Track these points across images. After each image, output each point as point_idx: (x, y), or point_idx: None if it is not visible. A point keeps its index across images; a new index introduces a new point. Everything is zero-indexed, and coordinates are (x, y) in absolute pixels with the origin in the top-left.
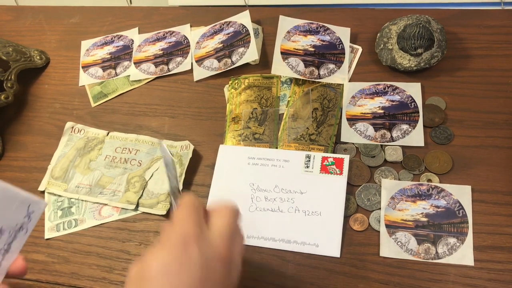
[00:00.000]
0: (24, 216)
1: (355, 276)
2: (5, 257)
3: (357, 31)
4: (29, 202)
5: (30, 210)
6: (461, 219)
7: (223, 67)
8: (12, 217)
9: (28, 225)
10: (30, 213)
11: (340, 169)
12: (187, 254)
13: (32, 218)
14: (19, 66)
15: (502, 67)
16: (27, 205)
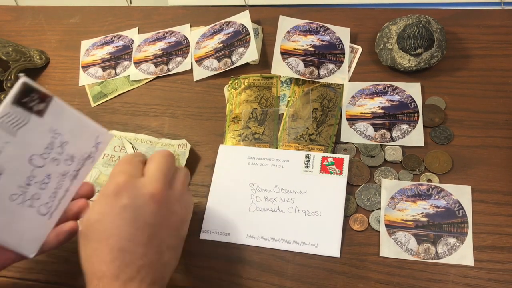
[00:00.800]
0: (92, 146)
1: (355, 276)
2: (73, 182)
3: (357, 31)
4: (98, 133)
5: (98, 140)
6: (461, 219)
7: (223, 67)
8: (83, 145)
9: (95, 154)
10: (98, 143)
11: (340, 169)
12: (117, 201)
13: (99, 149)
14: (19, 66)
15: (502, 67)
16: (96, 135)
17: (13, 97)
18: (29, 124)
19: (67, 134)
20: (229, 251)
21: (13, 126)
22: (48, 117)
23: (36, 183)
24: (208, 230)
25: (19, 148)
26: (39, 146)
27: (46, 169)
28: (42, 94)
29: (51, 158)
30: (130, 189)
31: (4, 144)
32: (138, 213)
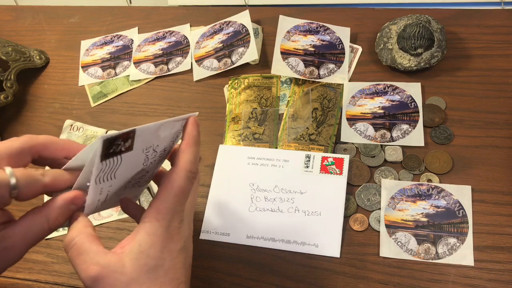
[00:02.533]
0: (181, 130)
1: (355, 276)
2: (164, 158)
3: (357, 31)
4: (184, 118)
5: (184, 122)
6: (461, 219)
7: (223, 67)
8: (173, 136)
9: (182, 133)
10: (185, 125)
11: (340, 169)
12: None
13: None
14: (18, 66)
15: (502, 67)
16: (182, 120)
17: (99, 157)
18: (123, 162)
19: (155, 141)
20: (229, 251)
21: (110, 174)
22: (137, 145)
23: (135, 177)
24: (208, 230)
25: (121, 180)
26: (137, 167)
27: (145, 169)
28: (125, 135)
29: (149, 164)
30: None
31: (109, 188)
32: (187, 253)
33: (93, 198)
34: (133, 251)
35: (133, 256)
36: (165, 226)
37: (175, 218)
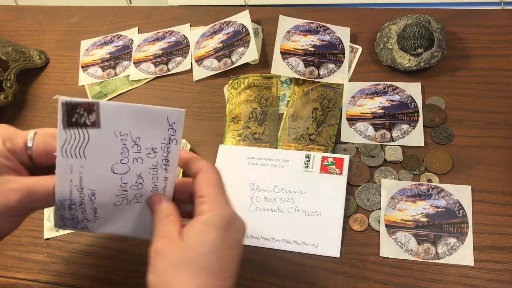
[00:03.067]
0: (168, 129)
1: (355, 276)
2: (168, 169)
3: (357, 31)
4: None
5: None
6: (461, 219)
7: (222, 67)
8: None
9: (175, 136)
10: (172, 124)
11: (340, 169)
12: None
13: (177, 129)
14: (18, 66)
15: (502, 67)
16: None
17: (62, 121)
18: (91, 139)
19: (135, 130)
20: None
21: (78, 149)
22: (106, 124)
23: (131, 186)
24: None
25: (96, 166)
26: (114, 155)
27: (134, 171)
28: (86, 105)
29: (133, 159)
30: (235, 222)
31: (81, 169)
32: (240, 249)
33: (62, 174)
34: (194, 232)
35: (193, 237)
36: (222, 214)
37: (227, 207)
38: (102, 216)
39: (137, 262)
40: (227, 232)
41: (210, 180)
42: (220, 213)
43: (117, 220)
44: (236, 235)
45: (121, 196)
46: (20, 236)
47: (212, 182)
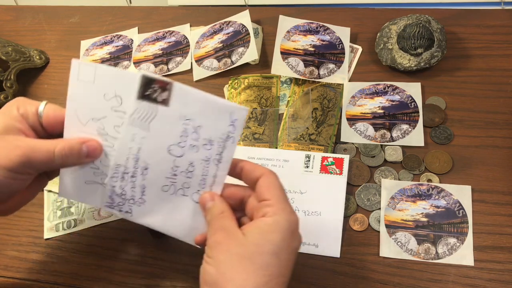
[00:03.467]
0: (228, 125)
1: (355, 276)
2: (219, 167)
3: (357, 31)
4: (231, 109)
5: (233, 118)
6: (461, 219)
7: (222, 67)
8: (219, 126)
9: (234, 133)
10: (234, 121)
11: (340, 169)
12: (293, 241)
13: (237, 127)
14: (18, 66)
15: (502, 67)
16: (230, 112)
17: (137, 92)
18: (158, 115)
19: (198, 118)
20: None
21: (144, 120)
22: (175, 104)
23: (181, 172)
24: None
25: (155, 141)
26: (174, 136)
27: (187, 157)
28: (162, 82)
29: (189, 146)
30: (297, 230)
31: (142, 140)
32: (296, 257)
33: (124, 140)
34: (258, 231)
35: (256, 235)
36: (287, 219)
37: (292, 212)
38: (148, 200)
39: (137, 262)
40: (291, 238)
41: (274, 184)
42: (287, 218)
43: (161, 211)
44: (297, 242)
45: (170, 180)
46: (20, 236)
47: (276, 186)
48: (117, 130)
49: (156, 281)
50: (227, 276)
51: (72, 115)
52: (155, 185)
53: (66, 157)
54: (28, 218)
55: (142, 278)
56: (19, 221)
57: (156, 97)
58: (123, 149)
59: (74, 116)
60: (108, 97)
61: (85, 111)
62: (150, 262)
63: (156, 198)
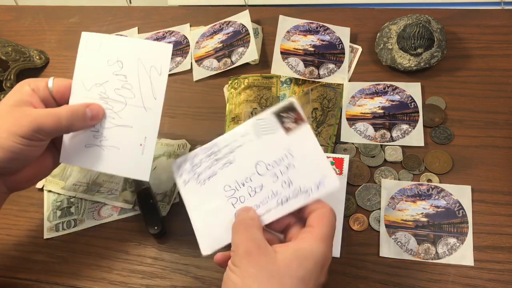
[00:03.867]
0: (314, 183)
1: (355, 276)
2: (278, 206)
3: (357, 31)
4: (326, 173)
5: (322, 180)
6: (461, 219)
7: (222, 67)
8: (306, 178)
9: (312, 193)
10: (320, 183)
11: (340, 169)
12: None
13: (319, 190)
14: (18, 66)
15: (502, 67)
16: (323, 174)
17: (277, 109)
18: (274, 134)
19: (298, 159)
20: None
21: (262, 130)
22: (292, 137)
23: (249, 186)
24: None
25: (255, 150)
26: (270, 156)
27: (264, 180)
28: (299, 116)
29: (273, 173)
30: (327, 267)
31: (247, 141)
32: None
33: (236, 131)
34: (292, 253)
35: (290, 257)
36: (324, 252)
37: (330, 250)
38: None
39: (137, 262)
40: (321, 271)
41: (328, 218)
42: (324, 251)
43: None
44: (323, 279)
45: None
46: (20, 236)
47: (328, 220)
48: (117, 92)
49: (156, 281)
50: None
51: (78, 83)
52: (224, 180)
53: (72, 120)
54: (28, 218)
55: (142, 278)
56: (19, 221)
57: (285, 123)
58: (230, 137)
59: (80, 84)
60: (110, 62)
61: (90, 77)
62: (150, 262)
63: (214, 190)
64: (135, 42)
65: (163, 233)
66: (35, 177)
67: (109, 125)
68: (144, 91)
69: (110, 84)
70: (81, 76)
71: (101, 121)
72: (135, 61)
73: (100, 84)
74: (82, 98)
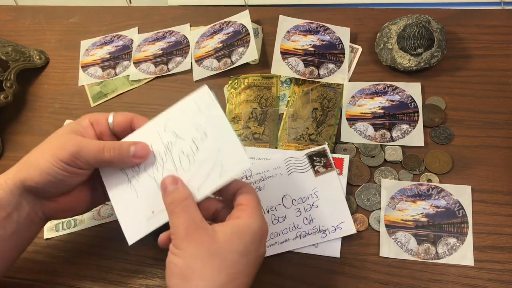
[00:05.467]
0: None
1: (355, 276)
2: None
3: (357, 31)
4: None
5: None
6: (461, 219)
7: (222, 67)
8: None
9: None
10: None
11: (340, 169)
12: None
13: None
14: (18, 66)
15: (502, 67)
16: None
17: (311, 152)
18: (304, 174)
19: (322, 201)
20: None
21: (294, 168)
22: (319, 180)
23: (273, 214)
24: None
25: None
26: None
27: (288, 212)
28: (329, 162)
29: (297, 208)
30: (265, 238)
31: (278, 174)
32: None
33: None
34: (231, 230)
35: (229, 234)
36: (260, 225)
37: (265, 222)
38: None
39: (137, 262)
40: (260, 243)
41: (251, 194)
42: (260, 225)
43: None
44: (263, 250)
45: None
46: None
47: (253, 196)
48: (179, 156)
49: (156, 281)
50: (196, 270)
51: (160, 121)
52: None
53: (114, 152)
54: None
55: (142, 278)
56: None
57: (316, 166)
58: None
59: (161, 123)
60: (199, 129)
61: (174, 124)
62: (150, 262)
63: None
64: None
65: None
66: (71, 209)
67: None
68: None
69: (182, 143)
70: (169, 118)
71: (145, 164)
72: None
73: (176, 136)
74: (142, 138)
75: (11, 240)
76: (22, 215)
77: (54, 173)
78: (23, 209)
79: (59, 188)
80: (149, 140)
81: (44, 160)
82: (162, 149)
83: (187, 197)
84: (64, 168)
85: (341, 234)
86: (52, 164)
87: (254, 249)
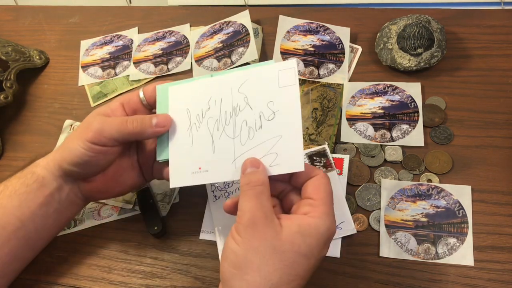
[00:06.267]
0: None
1: (355, 276)
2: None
3: (357, 31)
4: None
5: None
6: (461, 219)
7: (222, 67)
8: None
9: None
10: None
11: (339, 169)
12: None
13: None
14: (18, 66)
15: (502, 67)
16: None
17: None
18: None
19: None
20: None
21: None
22: None
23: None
24: (208, 230)
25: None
26: None
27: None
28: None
29: None
30: (331, 240)
31: None
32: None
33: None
34: (297, 228)
35: (294, 233)
36: (329, 226)
37: (334, 221)
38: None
39: (137, 262)
40: (324, 246)
41: (324, 187)
42: (329, 226)
43: None
44: (326, 251)
45: None
46: None
47: (326, 189)
48: (241, 125)
49: (156, 281)
50: (254, 264)
51: (237, 78)
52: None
53: (136, 123)
54: None
55: (142, 278)
56: None
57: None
58: None
59: (237, 81)
60: (270, 106)
61: (248, 88)
62: (150, 262)
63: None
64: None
65: (163, 233)
66: (107, 190)
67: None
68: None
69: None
70: (247, 79)
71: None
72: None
73: (247, 103)
74: (222, 89)
75: (52, 218)
76: (62, 196)
77: (81, 154)
78: (63, 190)
79: (91, 168)
80: (219, 95)
81: (73, 143)
82: (229, 109)
83: (263, 183)
84: (90, 148)
85: (341, 234)
86: (79, 146)
87: (318, 251)
